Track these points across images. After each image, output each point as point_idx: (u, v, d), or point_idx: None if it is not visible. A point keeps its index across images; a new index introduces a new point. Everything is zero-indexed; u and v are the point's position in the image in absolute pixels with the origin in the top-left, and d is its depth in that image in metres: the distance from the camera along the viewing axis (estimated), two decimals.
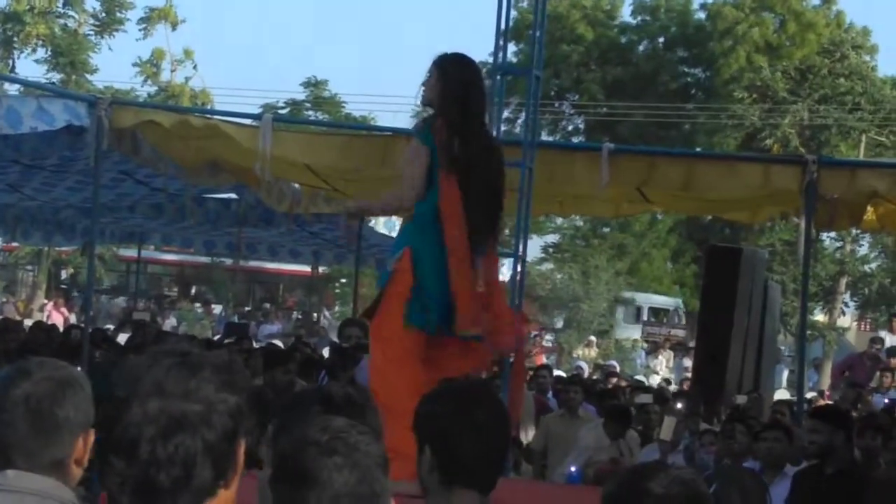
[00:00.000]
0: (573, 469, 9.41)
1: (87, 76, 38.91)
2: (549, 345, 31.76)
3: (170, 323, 28.37)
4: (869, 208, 10.88)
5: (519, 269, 8.34)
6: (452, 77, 6.42)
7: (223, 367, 2.18)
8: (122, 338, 16.58)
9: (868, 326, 32.77)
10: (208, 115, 12.65)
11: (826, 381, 25.18)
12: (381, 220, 15.04)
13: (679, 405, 11.91)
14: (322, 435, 2.46)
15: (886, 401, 14.33)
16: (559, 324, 35.04)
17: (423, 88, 6.48)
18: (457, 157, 6.28)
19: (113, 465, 2.04)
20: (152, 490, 2.04)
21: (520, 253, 8.25)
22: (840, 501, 7.31)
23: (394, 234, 15.75)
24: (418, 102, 6.62)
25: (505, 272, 9.88)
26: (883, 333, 20.41)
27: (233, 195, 15.43)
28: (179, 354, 2.17)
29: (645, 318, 35.90)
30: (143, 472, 2.03)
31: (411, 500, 3.94)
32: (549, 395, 14.32)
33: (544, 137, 31.34)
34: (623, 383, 17.22)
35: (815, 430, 7.64)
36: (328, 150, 10.46)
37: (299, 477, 2.42)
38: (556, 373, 17.93)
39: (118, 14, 39.36)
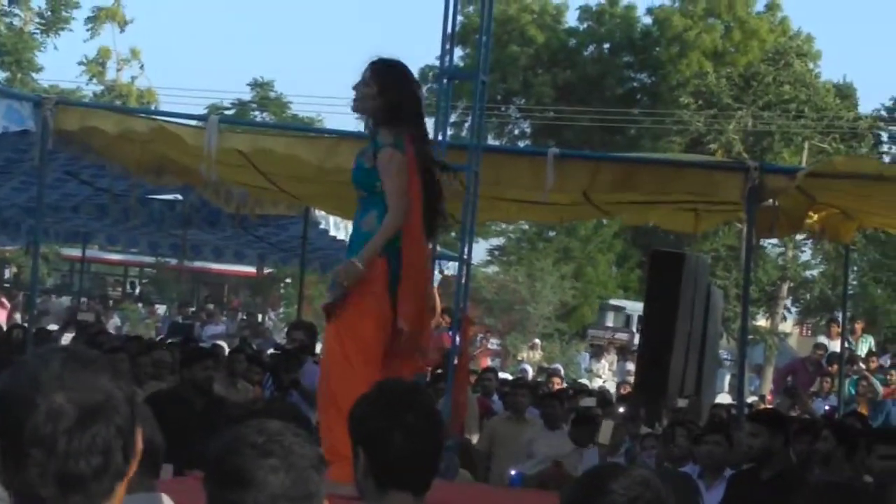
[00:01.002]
0: (513, 472, 9.45)
1: (33, 75, 38.64)
2: (495, 347, 31.83)
3: (113, 323, 28.11)
4: (811, 214, 11.00)
5: (465, 271, 8.37)
6: (405, 88, 6.48)
7: (107, 360, 2.22)
8: (67, 338, 16.45)
9: (809, 332, 33.08)
10: (154, 116, 12.63)
11: (767, 386, 25.43)
12: (331, 221, 15.03)
13: (620, 409, 12.01)
14: (258, 437, 2.50)
15: (827, 407, 14.50)
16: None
17: (357, 94, 6.51)
18: (425, 167, 6.41)
19: (31, 458, 2.06)
20: (74, 480, 2.06)
21: (465, 256, 8.28)
22: None
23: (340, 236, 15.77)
24: (351, 108, 6.61)
25: (450, 275, 9.94)
26: (822, 339, 20.62)
27: (178, 196, 15.39)
28: (64, 350, 2.19)
29: (635, 326, 35.90)
30: (63, 464, 2.05)
31: (348, 502, 3.98)
32: (495, 397, 14.36)
33: (490, 141, 31.43)
34: (563, 385, 17.26)
35: (755, 433, 7.70)
36: (274, 149, 10.44)
37: (235, 478, 2.47)
38: (501, 375, 17.98)
39: (64, 13, 39.12)
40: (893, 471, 7.05)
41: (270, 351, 13.31)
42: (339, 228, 15.40)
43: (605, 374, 26.44)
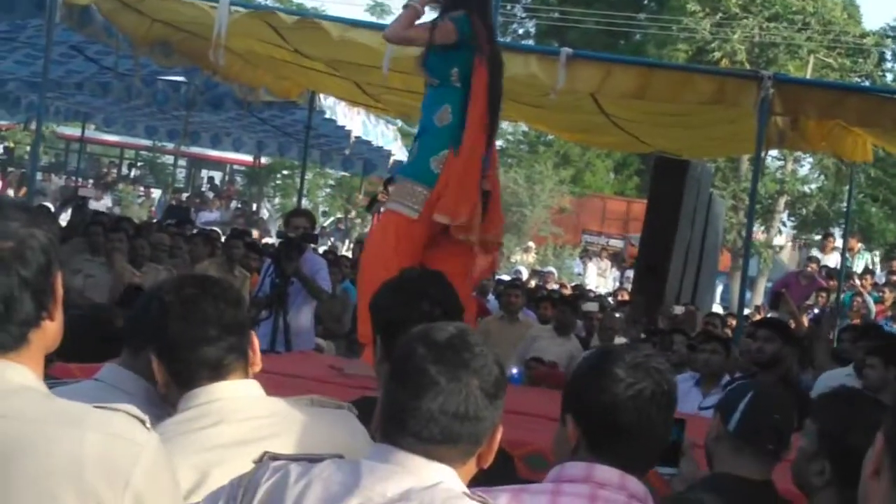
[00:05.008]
0: (514, 371, 9.44)
1: None
2: None
3: (104, 204, 27.93)
4: (819, 129, 10.92)
5: None
6: None
7: (24, 205, 2.19)
8: (65, 216, 16.42)
9: (803, 246, 33.09)
10: None
11: (759, 298, 25.49)
12: (339, 111, 14.94)
13: (617, 315, 12.04)
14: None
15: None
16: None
17: None
18: (491, 55, 6.33)
19: None
20: None
21: None
22: None
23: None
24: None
25: None
26: (816, 253, 20.64)
27: (183, 78, 15.26)
28: None
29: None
30: None
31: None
32: (490, 297, 14.40)
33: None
34: (566, 290, 17.28)
35: (770, 339, 7.68)
36: (287, 29, 10.33)
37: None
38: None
39: None
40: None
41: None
42: (346, 117, 15.32)
43: (591, 279, 26.46)
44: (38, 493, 1.99)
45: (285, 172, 38.15)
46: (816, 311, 13.95)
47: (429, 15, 6.51)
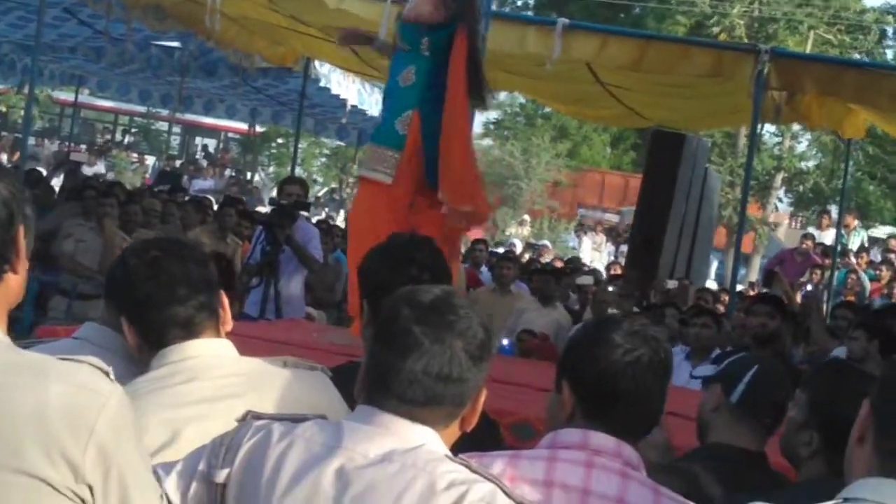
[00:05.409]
0: (505, 342, 9.44)
1: None
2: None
3: (97, 170, 27.81)
4: (816, 104, 10.87)
5: None
6: None
7: None
8: (57, 181, 16.32)
9: (799, 224, 33.06)
10: None
11: (754, 275, 25.48)
12: (333, 79, 14.88)
13: (611, 288, 12.00)
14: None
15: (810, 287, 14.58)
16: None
17: None
18: (473, 29, 6.32)
19: None
20: None
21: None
22: None
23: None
24: None
25: None
26: (812, 230, 20.63)
27: (177, 44, 15.17)
28: None
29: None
30: None
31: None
32: (483, 269, 14.36)
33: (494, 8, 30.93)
34: (559, 264, 17.25)
35: (772, 315, 7.73)
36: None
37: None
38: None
39: None
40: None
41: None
42: (342, 86, 15.24)
43: (585, 253, 26.40)
44: (2, 443, 1.97)
45: (280, 141, 38.05)
46: (809, 287, 13.92)
47: None
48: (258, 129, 34.94)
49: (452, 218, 6.27)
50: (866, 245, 20.18)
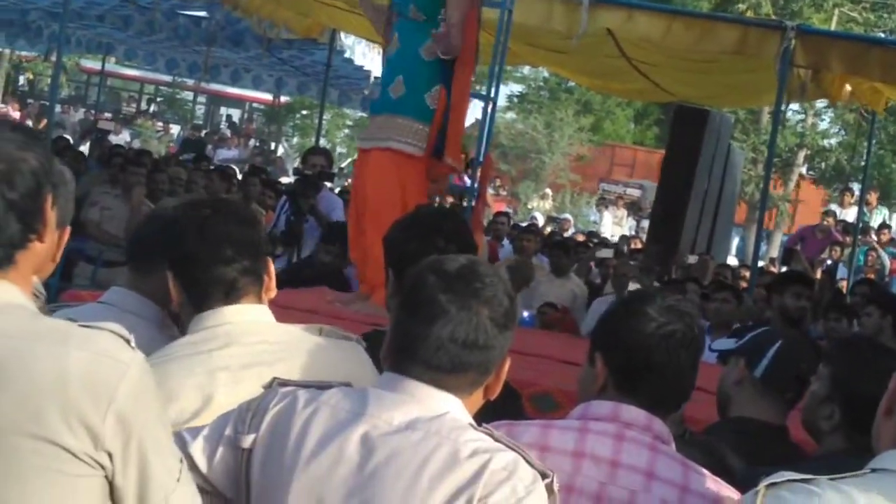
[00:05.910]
0: (526, 314, 9.47)
1: None
2: (504, 194, 31.78)
3: (122, 138, 27.90)
4: (841, 82, 10.86)
5: (489, 111, 8.24)
6: None
7: (22, 128, 2.22)
8: (84, 148, 16.41)
9: (822, 201, 32.93)
10: None
11: (775, 251, 25.42)
12: (357, 51, 14.92)
13: (632, 262, 12.04)
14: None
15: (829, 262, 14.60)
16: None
17: None
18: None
19: None
20: None
21: (492, 95, 8.17)
22: None
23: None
24: None
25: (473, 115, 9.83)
26: (834, 207, 20.57)
27: (204, 13, 15.21)
28: None
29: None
30: None
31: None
32: (505, 241, 14.39)
33: None
34: (580, 237, 17.29)
35: (809, 296, 7.80)
36: None
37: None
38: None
39: None
40: None
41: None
42: (366, 57, 15.29)
43: (606, 227, 26.40)
44: (22, 410, 1.99)
45: (304, 112, 38.05)
46: (829, 262, 13.95)
47: None
48: (283, 99, 34.96)
49: (442, 183, 6.43)
50: (888, 223, 20.12)
